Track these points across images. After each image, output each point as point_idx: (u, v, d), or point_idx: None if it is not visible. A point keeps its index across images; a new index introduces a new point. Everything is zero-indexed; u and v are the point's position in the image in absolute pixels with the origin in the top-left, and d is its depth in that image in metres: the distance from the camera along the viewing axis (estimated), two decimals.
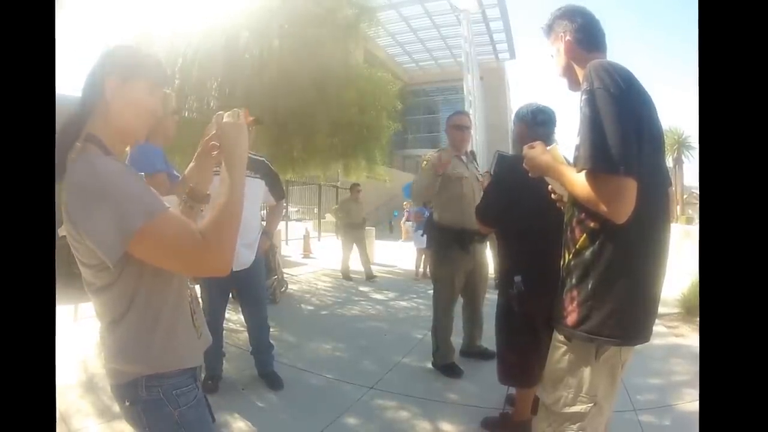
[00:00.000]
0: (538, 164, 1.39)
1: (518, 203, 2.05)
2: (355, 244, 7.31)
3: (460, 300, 3.28)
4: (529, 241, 2.03)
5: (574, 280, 1.26)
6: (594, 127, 1.12)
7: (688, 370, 2.94)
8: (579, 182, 1.18)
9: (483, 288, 3.27)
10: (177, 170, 2.09)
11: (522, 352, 2.11)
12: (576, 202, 1.25)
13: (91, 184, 0.85)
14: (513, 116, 2.34)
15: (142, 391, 0.97)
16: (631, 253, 1.19)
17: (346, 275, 7.25)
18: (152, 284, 0.95)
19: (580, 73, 1.34)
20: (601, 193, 1.12)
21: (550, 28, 1.44)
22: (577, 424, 1.27)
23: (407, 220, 14.74)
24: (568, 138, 1.49)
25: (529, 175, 1.45)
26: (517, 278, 2.06)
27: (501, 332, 2.28)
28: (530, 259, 2.04)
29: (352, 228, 7.35)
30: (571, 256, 1.28)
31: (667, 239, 1.26)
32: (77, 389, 2.71)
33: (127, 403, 0.99)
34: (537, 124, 2.17)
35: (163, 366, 0.98)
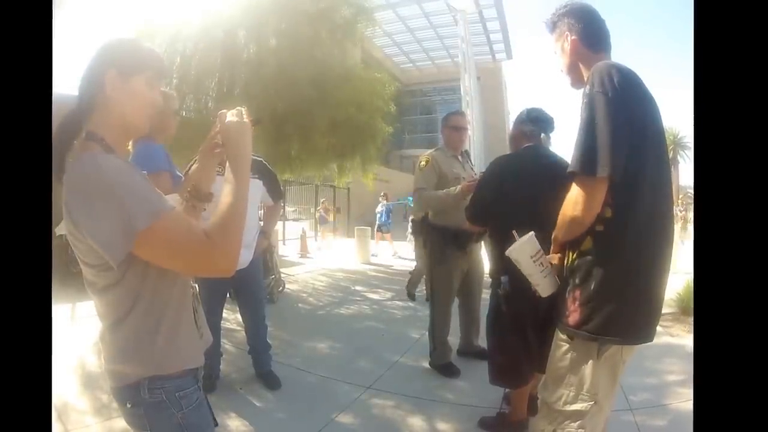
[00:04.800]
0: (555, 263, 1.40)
1: (503, 202, 2.07)
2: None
3: (457, 300, 3.29)
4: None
5: (577, 281, 1.27)
6: (586, 130, 1.15)
7: (684, 370, 2.96)
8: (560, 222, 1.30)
9: (479, 288, 3.28)
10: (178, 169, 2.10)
11: (510, 353, 2.12)
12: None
13: (94, 184, 0.83)
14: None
15: (145, 394, 0.95)
16: (633, 254, 1.20)
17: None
18: (157, 284, 0.94)
19: (585, 72, 1.33)
20: (580, 194, 1.18)
21: (554, 25, 1.42)
22: (578, 422, 1.28)
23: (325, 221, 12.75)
24: (567, 138, 1.50)
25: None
26: (504, 278, 2.06)
27: (490, 332, 2.29)
28: None
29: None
30: (574, 256, 1.29)
31: (669, 240, 1.27)
32: (75, 388, 2.69)
33: (129, 406, 0.98)
34: (530, 120, 2.19)
35: (166, 367, 0.97)
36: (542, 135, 2.19)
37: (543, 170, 1.97)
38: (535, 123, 2.18)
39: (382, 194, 11.59)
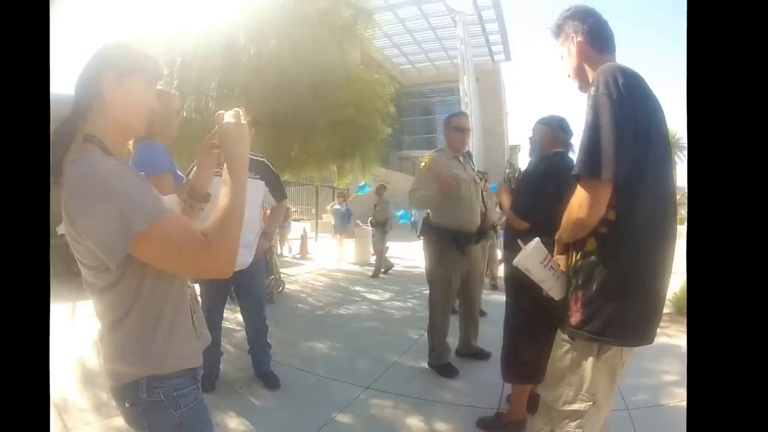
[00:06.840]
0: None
1: (558, 200, 2.04)
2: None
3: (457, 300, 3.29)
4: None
5: (580, 281, 1.27)
6: (591, 133, 1.15)
7: (680, 370, 2.96)
8: (563, 226, 1.32)
9: (479, 289, 3.29)
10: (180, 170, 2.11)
11: (541, 350, 2.10)
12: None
13: (91, 186, 0.84)
14: (536, 123, 2.35)
15: (143, 393, 0.96)
16: (635, 256, 1.21)
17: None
18: (154, 285, 0.94)
19: (591, 74, 1.34)
20: (584, 196, 1.18)
21: (559, 29, 1.42)
22: (576, 422, 1.28)
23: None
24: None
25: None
26: None
27: (516, 332, 2.25)
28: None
29: None
30: (578, 257, 1.30)
31: (672, 242, 1.28)
32: (75, 386, 2.70)
33: (128, 405, 0.98)
34: (562, 128, 2.24)
35: (164, 367, 0.97)
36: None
37: None
38: (567, 132, 2.25)
39: (338, 194, 10.86)
